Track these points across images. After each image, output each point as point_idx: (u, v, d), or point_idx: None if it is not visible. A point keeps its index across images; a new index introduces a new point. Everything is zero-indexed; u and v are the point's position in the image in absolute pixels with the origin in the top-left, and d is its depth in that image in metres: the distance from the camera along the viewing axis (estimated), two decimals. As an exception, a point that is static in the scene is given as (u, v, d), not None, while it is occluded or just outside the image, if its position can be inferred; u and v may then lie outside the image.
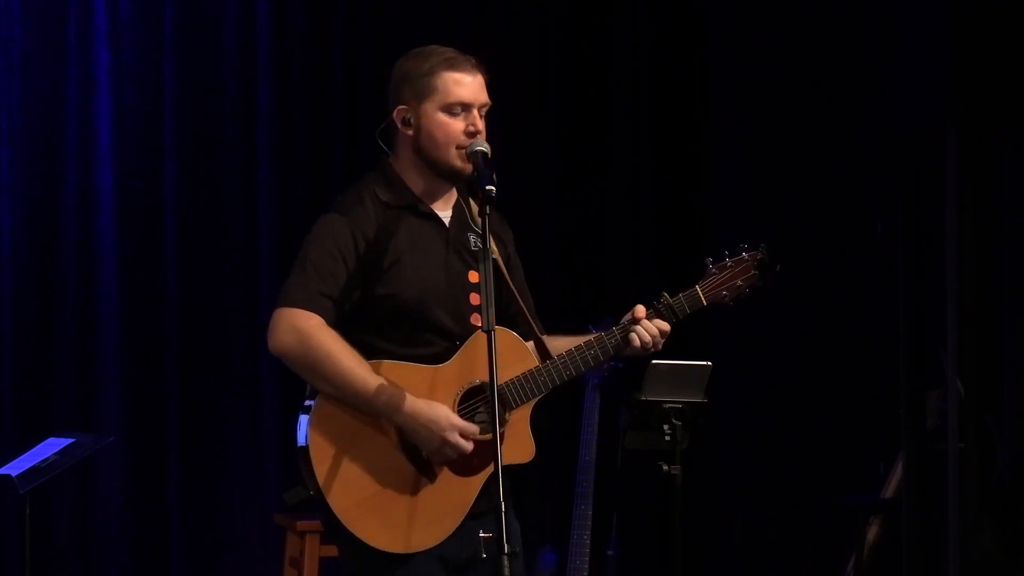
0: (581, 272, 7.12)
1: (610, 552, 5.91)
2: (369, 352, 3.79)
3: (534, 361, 3.82)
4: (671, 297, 3.92)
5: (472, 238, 3.89)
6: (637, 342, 3.87)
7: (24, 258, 6.62)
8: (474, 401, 3.79)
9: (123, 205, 6.70)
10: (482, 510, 3.74)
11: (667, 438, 4.11)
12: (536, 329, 3.88)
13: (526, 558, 3.99)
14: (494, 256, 3.78)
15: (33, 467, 5.76)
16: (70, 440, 5.90)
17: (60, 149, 6.68)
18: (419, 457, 3.77)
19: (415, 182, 3.89)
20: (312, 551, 6.00)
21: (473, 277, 3.83)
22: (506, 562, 3.45)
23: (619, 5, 7.20)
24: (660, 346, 3.92)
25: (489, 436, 3.62)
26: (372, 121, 6.86)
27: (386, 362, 3.79)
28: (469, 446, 3.74)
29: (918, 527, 5.78)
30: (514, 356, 3.78)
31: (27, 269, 6.63)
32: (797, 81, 6.84)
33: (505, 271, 3.89)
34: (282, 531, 6.26)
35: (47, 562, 6.42)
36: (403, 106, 3.87)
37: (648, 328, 3.88)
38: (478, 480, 3.78)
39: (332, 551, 6.01)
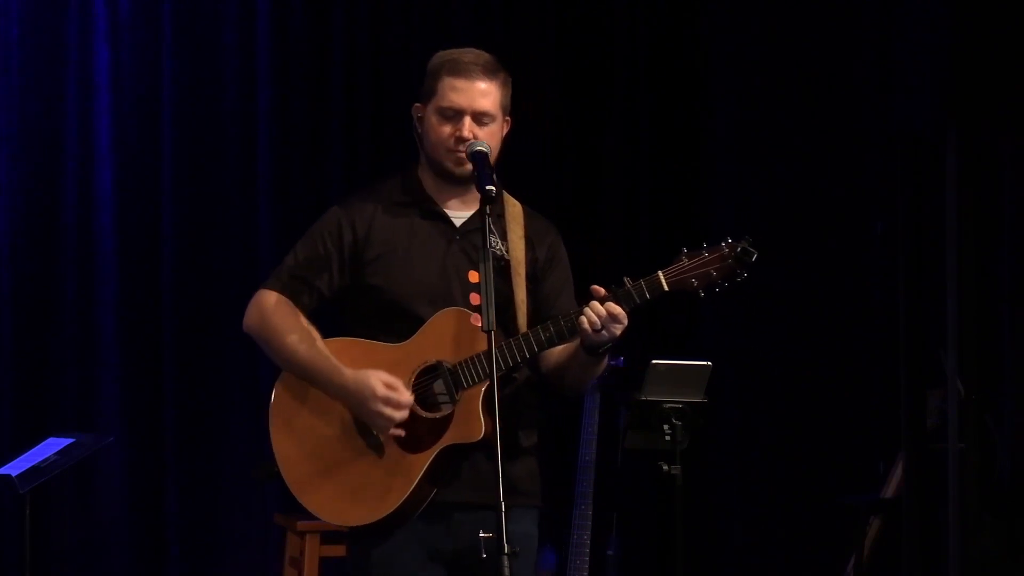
0: (578, 272, 7.08)
1: (610, 552, 5.90)
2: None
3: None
4: (632, 282, 3.74)
5: (491, 240, 3.84)
6: (585, 324, 3.70)
7: (23, 258, 6.62)
8: (427, 379, 3.79)
9: (122, 205, 6.70)
10: (471, 502, 3.71)
11: (667, 438, 4.13)
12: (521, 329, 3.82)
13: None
14: (507, 258, 3.85)
15: (33, 467, 5.76)
16: (70, 440, 5.90)
17: (59, 148, 6.68)
18: (370, 432, 3.80)
19: (428, 181, 3.92)
20: (312, 551, 6.00)
21: (473, 277, 3.82)
22: (506, 562, 3.45)
23: (619, 4, 7.19)
24: (614, 332, 3.71)
25: (432, 415, 3.75)
26: (372, 121, 6.97)
27: (345, 339, 3.85)
28: (395, 416, 3.73)
29: (918, 527, 5.78)
30: (468, 337, 3.74)
31: (27, 269, 6.63)
32: (797, 81, 6.83)
33: (520, 273, 3.87)
34: (282, 531, 6.26)
35: (47, 562, 6.42)
36: (418, 104, 3.92)
37: (596, 310, 3.70)
38: (424, 457, 3.76)
39: (332, 551, 6.02)
